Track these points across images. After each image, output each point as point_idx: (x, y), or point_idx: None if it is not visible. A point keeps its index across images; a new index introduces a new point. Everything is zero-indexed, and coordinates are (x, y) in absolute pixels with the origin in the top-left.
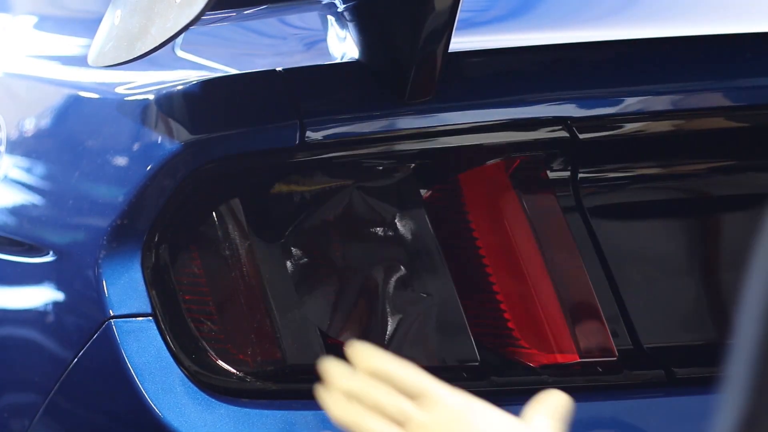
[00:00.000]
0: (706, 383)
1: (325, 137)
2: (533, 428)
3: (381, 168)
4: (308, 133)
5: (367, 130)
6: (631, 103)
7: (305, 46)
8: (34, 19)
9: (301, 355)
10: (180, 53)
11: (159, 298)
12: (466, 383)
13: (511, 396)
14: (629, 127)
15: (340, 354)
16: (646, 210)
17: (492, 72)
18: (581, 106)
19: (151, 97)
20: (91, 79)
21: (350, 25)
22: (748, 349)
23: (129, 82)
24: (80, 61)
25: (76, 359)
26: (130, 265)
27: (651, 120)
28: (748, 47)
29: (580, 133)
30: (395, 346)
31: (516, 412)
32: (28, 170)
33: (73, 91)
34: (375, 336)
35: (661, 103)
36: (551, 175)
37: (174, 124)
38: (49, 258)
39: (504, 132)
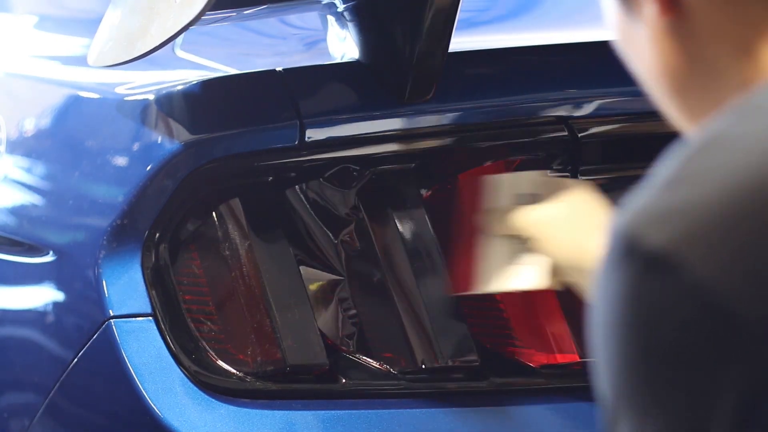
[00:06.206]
0: None
1: (325, 137)
2: None
3: (381, 168)
4: (308, 133)
5: (367, 130)
6: (631, 103)
7: (305, 46)
8: (34, 19)
9: (301, 355)
10: (180, 53)
11: (159, 298)
12: (466, 383)
13: (511, 396)
14: (629, 126)
15: (340, 354)
16: None
17: (492, 72)
18: (581, 106)
19: (151, 97)
20: (91, 79)
21: (350, 25)
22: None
23: (129, 82)
24: (80, 61)
25: (75, 359)
26: (130, 265)
27: (651, 119)
28: None
29: (580, 132)
30: (394, 345)
31: (516, 412)
32: (28, 170)
33: (73, 91)
34: (374, 335)
35: None
36: (551, 175)
37: (174, 124)
38: (49, 258)
39: (504, 132)
